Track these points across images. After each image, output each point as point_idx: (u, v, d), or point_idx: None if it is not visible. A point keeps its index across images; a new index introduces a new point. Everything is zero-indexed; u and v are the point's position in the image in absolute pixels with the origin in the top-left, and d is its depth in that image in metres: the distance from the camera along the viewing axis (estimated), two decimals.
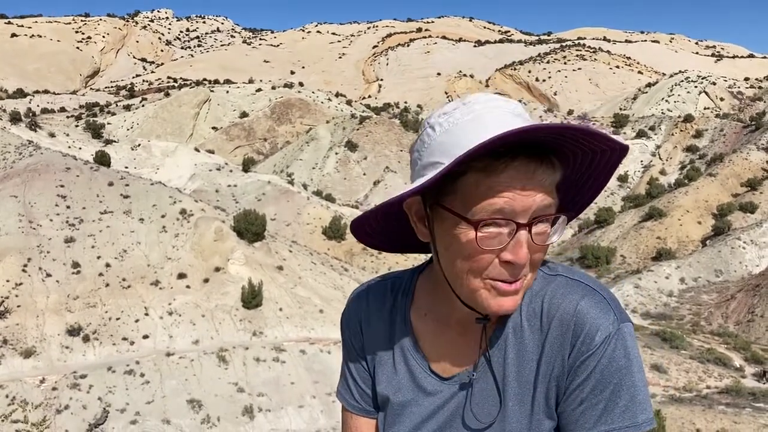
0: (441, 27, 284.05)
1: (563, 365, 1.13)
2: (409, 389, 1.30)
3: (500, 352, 1.20)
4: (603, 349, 1.10)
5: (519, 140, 1.04)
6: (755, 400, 25.77)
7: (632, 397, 1.09)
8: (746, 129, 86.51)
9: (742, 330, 38.68)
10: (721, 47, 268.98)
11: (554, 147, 1.10)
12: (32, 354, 28.51)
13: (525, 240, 1.07)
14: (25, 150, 47.67)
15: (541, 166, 1.07)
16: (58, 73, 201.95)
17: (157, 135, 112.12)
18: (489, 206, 1.07)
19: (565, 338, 1.13)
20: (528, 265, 1.10)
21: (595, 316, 1.12)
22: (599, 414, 1.09)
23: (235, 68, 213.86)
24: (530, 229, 1.07)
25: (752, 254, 50.16)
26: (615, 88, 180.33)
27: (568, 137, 1.06)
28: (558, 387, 1.14)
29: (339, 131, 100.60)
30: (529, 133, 1.01)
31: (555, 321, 1.15)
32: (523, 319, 1.19)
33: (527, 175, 1.06)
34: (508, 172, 1.06)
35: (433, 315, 1.30)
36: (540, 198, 1.07)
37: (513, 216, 1.06)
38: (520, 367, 1.18)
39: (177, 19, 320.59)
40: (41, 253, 34.35)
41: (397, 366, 1.32)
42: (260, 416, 27.63)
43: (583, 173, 1.19)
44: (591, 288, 1.17)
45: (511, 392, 1.18)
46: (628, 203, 71.74)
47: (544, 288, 1.20)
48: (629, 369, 1.10)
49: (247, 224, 38.73)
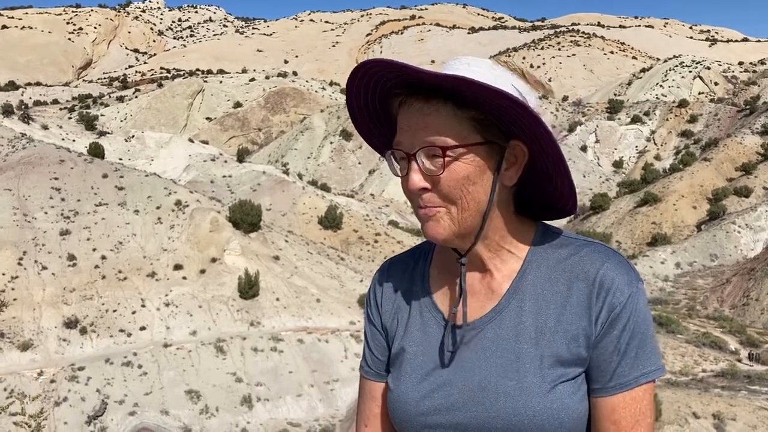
0: (434, 14, 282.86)
1: (590, 317, 1.24)
2: (422, 340, 1.38)
3: (518, 302, 1.30)
4: (632, 304, 1.23)
5: (411, 83, 1.22)
6: (750, 382, 25.97)
7: (654, 346, 1.26)
8: (741, 113, 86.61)
9: (737, 314, 38.91)
10: (715, 31, 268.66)
11: (447, 91, 1.21)
12: (29, 347, 28.50)
13: (415, 169, 1.22)
14: (18, 143, 47.43)
15: (427, 104, 1.21)
16: (50, 65, 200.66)
17: (151, 126, 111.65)
18: (395, 141, 1.27)
19: (591, 293, 1.25)
20: (438, 197, 1.23)
21: (620, 274, 1.25)
22: (633, 360, 1.23)
23: (228, 58, 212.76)
24: (417, 158, 1.22)
25: (747, 238, 50.37)
26: (609, 73, 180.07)
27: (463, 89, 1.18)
28: (586, 336, 1.25)
29: (333, 120, 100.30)
30: (388, 68, 1.20)
31: (581, 276, 1.26)
32: (543, 272, 1.30)
33: (412, 113, 1.22)
34: (403, 110, 1.25)
35: (446, 269, 1.41)
36: (423, 133, 1.21)
37: (404, 147, 1.23)
38: (537, 315, 1.27)
39: (169, 9, 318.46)
40: (36, 246, 34.26)
41: (413, 320, 1.41)
42: (259, 405, 27.73)
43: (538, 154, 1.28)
44: (611, 250, 1.30)
45: (526, 336, 1.27)
46: (623, 189, 71.82)
47: (565, 246, 1.32)
48: (650, 322, 1.27)
49: (243, 215, 38.68)
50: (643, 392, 1.25)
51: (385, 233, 52.78)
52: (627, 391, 1.24)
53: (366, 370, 1.51)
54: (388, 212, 69.77)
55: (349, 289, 36.82)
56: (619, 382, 1.24)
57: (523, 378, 1.25)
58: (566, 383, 1.25)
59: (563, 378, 1.25)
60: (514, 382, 1.25)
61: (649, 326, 1.27)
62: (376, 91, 1.30)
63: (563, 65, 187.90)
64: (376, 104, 1.34)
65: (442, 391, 1.32)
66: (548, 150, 1.24)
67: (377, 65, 1.21)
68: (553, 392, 1.24)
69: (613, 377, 1.25)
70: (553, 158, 1.25)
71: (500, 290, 1.32)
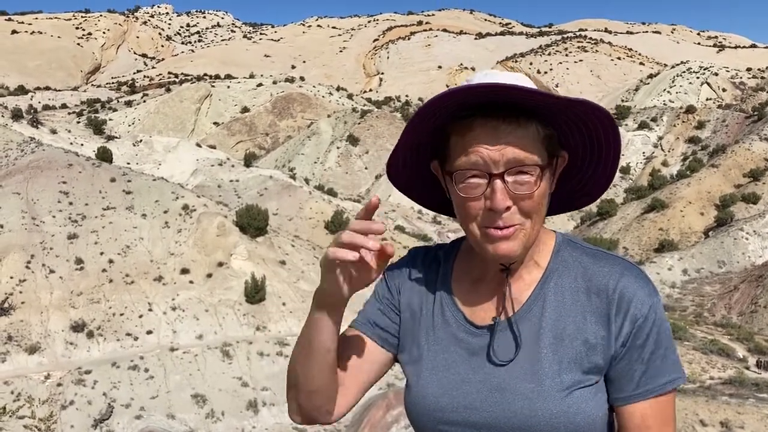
0: (441, 20, 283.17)
1: (609, 328, 1.27)
2: (443, 339, 1.40)
3: (539, 308, 1.33)
4: (652, 315, 1.27)
5: (481, 101, 1.21)
6: (759, 390, 25.77)
7: (676, 354, 1.30)
8: (749, 119, 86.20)
9: (745, 321, 38.66)
10: (723, 37, 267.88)
11: (528, 109, 1.24)
12: (37, 350, 28.61)
13: (500, 188, 1.21)
14: (27, 147, 47.72)
15: (503, 123, 1.21)
16: (59, 69, 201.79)
17: (159, 130, 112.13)
18: (465, 162, 1.23)
19: (611, 304, 1.28)
20: (518, 213, 1.25)
21: (640, 287, 1.28)
22: (658, 368, 1.27)
23: (235, 63, 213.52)
24: (504, 178, 1.22)
25: (755, 245, 50.08)
26: (617, 79, 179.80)
27: (529, 100, 1.20)
28: (605, 347, 1.27)
29: (340, 125, 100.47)
30: (470, 92, 1.18)
31: (600, 287, 1.30)
32: (565, 281, 1.34)
33: (491, 132, 1.21)
34: (475, 130, 1.22)
35: (468, 275, 1.44)
36: (510, 151, 1.21)
37: (486, 168, 1.21)
38: (557, 322, 1.30)
39: (177, 14, 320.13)
40: (44, 249, 34.42)
41: (435, 319, 1.42)
42: (264, 410, 27.72)
43: (586, 152, 1.36)
44: (629, 263, 1.33)
45: (545, 341, 1.29)
46: (631, 195, 71.58)
47: (585, 256, 1.36)
48: (670, 332, 1.31)
49: (250, 219, 38.75)
50: (668, 399, 1.29)
51: (391, 238, 52.77)
52: (654, 398, 1.28)
53: (359, 322, 1.49)
54: (395, 217, 69.77)
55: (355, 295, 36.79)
56: (647, 389, 1.27)
57: (541, 381, 1.27)
58: (583, 389, 1.27)
59: (580, 384, 1.27)
60: (533, 385, 1.27)
61: (670, 336, 1.30)
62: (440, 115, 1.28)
63: (570, 71, 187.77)
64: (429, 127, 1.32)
65: (461, 390, 1.34)
66: (613, 154, 1.33)
67: (485, 88, 1.18)
68: (571, 397, 1.26)
69: (640, 384, 1.28)
70: (609, 160, 1.36)
71: (522, 297, 1.35)
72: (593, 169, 1.39)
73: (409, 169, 1.44)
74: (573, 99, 1.21)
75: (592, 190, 1.45)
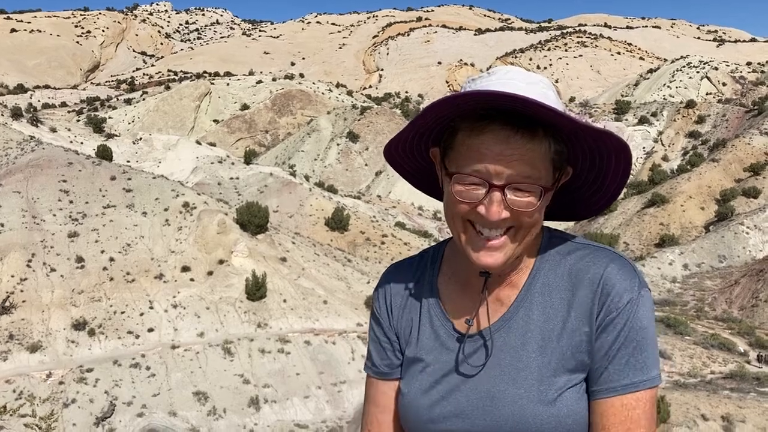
0: (441, 15, 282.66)
1: (591, 322, 1.24)
2: (433, 348, 1.39)
3: (526, 310, 1.30)
4: (629, 309, 1.22)
5: (499, 106, 1.15)
6: (759, 384, 25.79)
7: (649, 355, 1.23)
8: (749, 114, 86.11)
9: (746, 315, 38.66)
10: (723, 32, 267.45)
11: (545, 124, 1.19)
12: (38, 348, 28.62)
13: (498, 200, 1.17)
14: (27, 146, 47.69)
15: (517, 134, 1.16)
16: (58, 68, 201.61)
17: (159, 128, 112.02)
18: (468, 164, 1.18)
19: (594, 297, 1.25)
20: (511, 226, 1.21)
21: (622, 279, 1.24)
22: (622, 367, 1.22)
23: (235, 60, 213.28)
24: (504, 191, 1.17)
25: (756, 239, 50.07)
26: (616, 74, 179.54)
27: (548, 118, 1.16)
28: (588, 342, 1.25)
29: (340, 122, 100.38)
30: (485, 97, 1.13)
31: (585, 282, 1.26)
32: (551, 279, 1.30)
33: (502, 140, 1.16)
34: (486, 135, 1.17)
35: (456, 278, 1.41)
36: (516, 165, 1.16)
37: (488, 177, 1.16)
38: (545, 323, 1.28)
39: (176, 11, 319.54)
40: (45, 248, 34.42)
41: (423, 328, 1.41)
42: (266, 407, 27.75)
43: (593, 169, 1.31)
44: (617, 254, 1.29)
45: (533, 345, 1.27)
46: (631, 190, 71.50)
47: (572, 252, 1.32)
48: (648, 330, 1.24)
49: (250, 216, 38.73)
50: (635, 401, 1.22)
51: (392, 235, 52.77)
52: (615, 397, 1.22)
53: (373, 370, 1.51)
54: (395, 214, 69.74)
55: (356, 291, 36.82)
56: (608, 386, 1.23)
57: (530, 386, 1.26)
58: (572, 389, 1.26)
59: (568, 384, 1.26)
60: (521, 390, 1.26)
61: (647, 335, 1.23)
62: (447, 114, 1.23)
63: (570, 66, 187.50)
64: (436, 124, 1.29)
65: (452, 399, 1.33)
66: (616, 186, 1.31)
67: (509, 98, 1.12)
68: (560, 400, 1.24)
69: (600, 381, 1.24)
70: (611, 191, 1.34)
71: (509, 300, 1.33)
72: (591, 192, 1.36)
73: (407, 149, 1.41)
74: (600, 130, 1.17)
75: (582, 212, 1.42)
